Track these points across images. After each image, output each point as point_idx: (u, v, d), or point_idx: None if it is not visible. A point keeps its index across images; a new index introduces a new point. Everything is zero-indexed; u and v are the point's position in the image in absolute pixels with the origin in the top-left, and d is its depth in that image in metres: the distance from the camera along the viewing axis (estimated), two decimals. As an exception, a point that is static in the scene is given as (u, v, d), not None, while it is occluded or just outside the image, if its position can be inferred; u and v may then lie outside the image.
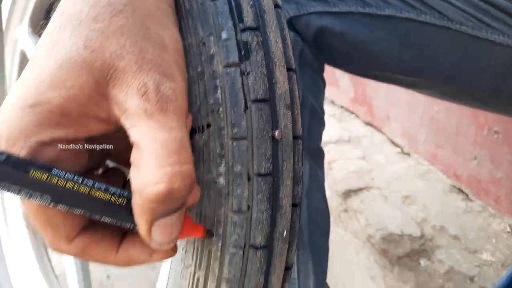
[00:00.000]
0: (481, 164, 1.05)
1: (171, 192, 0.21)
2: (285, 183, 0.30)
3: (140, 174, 0.22)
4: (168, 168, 0.21)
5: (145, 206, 0.22)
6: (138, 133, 0.22)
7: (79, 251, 0.25)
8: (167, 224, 0.23)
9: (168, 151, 0.22)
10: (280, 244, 0.31)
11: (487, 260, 0.89)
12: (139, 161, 0.22)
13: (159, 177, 0.21)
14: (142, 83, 0.22)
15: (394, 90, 1.47)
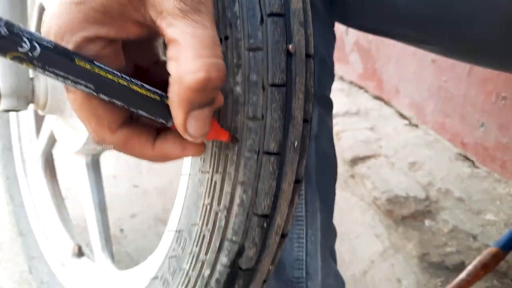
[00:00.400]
0: (488, 131, 1.06)
1: (209, 80, 0.24)
2: (298, 95, 0.33)
3: (179, 65, 0.24)
4: (206, 59, 0.24)
5: (183, 95, 0.25)
6: (176, 30, 0.24)
7: (120, 142, 0.28)
8: (201, 116, 0.26)
9: (204, 45, 0.24)
10: (292, 153, 0.33)
11: (491, 220, 0.91)
12: (178, 55, 0.24)
13: (198, 66, 0.24)
14: None
15: (403, 63, 1.47)
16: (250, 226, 0.33)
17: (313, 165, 0.56)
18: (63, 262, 0.67)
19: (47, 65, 0.23)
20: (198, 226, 0.35)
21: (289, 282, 0.53)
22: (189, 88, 0.24)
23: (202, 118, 0.26)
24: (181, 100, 0.25)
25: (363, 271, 0.83)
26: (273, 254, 0.36)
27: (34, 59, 0.23)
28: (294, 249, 0.54)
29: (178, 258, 0.38)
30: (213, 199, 0.34)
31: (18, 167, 0.78)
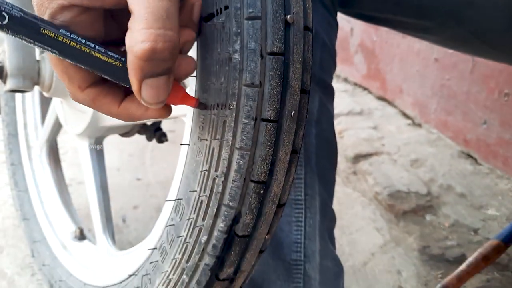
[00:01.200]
0: (490, 128, 1.06)
1: (155, 51, 0.26)
2: (295, 65, 0.33)
3: (132, 35, 0.26)
4: (154, 30, 0.26)
5: (134, 63, 0.27)
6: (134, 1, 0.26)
7: (89, 100, 0.31)
8: (154, 84, 0.28)
9: (155, 17, 0.26)
10: (289, 121, 0.34)
11: (492, 215, 0.91)
12: (132, 25, 0.27)
13: (145, 37, 0.26)
14: None
15: (407, 62, 1.48)
16: (247, 192, 0.34)
17: (313, 149, 0.56)
18: (65, 244, 0.67)
19: (16, 32, 0.26)
20: (196, 193, 0.36)
21: (287, 264, 0.53)
22: (137, 57, 0.26)
23: (156, 86, 0.28)
24: (133, 68, 0.27)
25: (363, 262, 0.83)
26: (270, 222, 0.37)
27: (4, 26, 0.26)
28: (293, 232, 0.54)
29: (176, 227, 0.39)
30: (210, 165, 0.34)
31: (23, 154, 0.79)
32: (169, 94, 0.30)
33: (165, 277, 0.40)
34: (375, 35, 1.72)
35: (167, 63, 0.28)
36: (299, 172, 0.55)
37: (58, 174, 0.77)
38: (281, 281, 0.53)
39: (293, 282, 0.53)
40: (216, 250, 0.36)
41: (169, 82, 0.29)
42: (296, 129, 0.35)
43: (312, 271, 0.53)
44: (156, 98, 0.29)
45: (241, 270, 0.38)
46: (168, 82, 0.29)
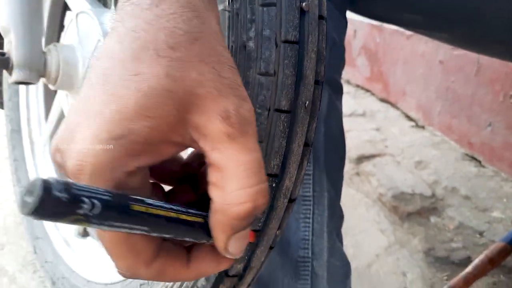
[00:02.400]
0: (496, 131, 1.05)
1: (255, 210, 0.23)
2: (310, 55, 0.33)
3: (224, 195, 0.23)
4: (252, 188, 0.23)
5: (227, 223, 0.23)
6: (221, 155, 0.23)
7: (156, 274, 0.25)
8: (242, 236, 0.25)
9: (250, 172, 0.23)
10: (303, 113, 0.33)
11: (497, 217, 0.90)
12: (222, 183, 0.23)
13: (245, 198, 0.22)
14: (223, 108, 0.22)
15: (411, 65, 1.47)
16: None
17: (322, 146, 0.55)
18: (68, 241, 0.67)
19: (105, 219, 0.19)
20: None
21: (295, 261, 0.52)
22: (235, 218, 0.23)
23: (243, 237, 0.25)
24: (224, 226, 0.24)
25: (367, 264, 0.82)
26: (281, 217, 0.36)
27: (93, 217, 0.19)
28: (300, 229, 0.53)
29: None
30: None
31: (26, 149, 0.79)
32: None
33: (173, 272, 0.39)
34: (379, 37, 1.72)
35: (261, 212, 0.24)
36: (308, 168, 0.54)
37: (61, 170, 0.77)
38: (288, 279, 0.52)
39: (300, 280, 0.52)
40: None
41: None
42: (310, 121, 0.34)
43: (320, 269, 0.52)
44: (242, 247, 0.25)
45: (251, 266, 0.37)
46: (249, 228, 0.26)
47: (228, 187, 0.23)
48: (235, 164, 0.22)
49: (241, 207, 0.22)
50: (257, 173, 0.23)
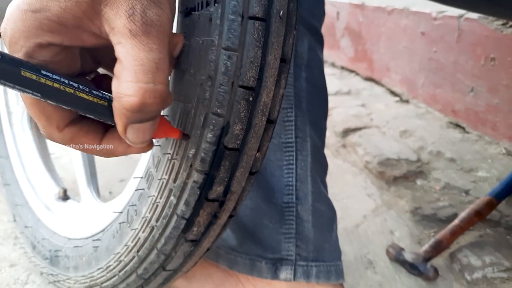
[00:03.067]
0: (478, 95, 1.06)
1: (143, 106, 0.25)
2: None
3: (119, 85, 0.25)
4: (143, 84, 0.25)
5: (121, 111, 0.26)
6: (122, 49, 0.25)
7: (67, 139, 0.30)
8: (140, 129, 0.28)
9: (145, 69, 0.25)
10: (277, 22, 0.32)
11: (482, 176, 0.91)
12: (120, 74, 0.25)
13: (134, 91, 0.25)
14: (130, 5, 0.25)
15: (394, 39, 1.48)
16: (235, 99, 0.32)
17: (304, 93, 0.55)
18: (48, 206, 0.65)
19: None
20: (181, 103, 0.34)
21: (279, 207, 0.52)
22: (125, 108, 0.26)
23: (142, 130, 0.28)
24: (119, 114, 0.26)
25: (355, 224, 0.82)
26: (260, 137, 0.35)
27: None
28: (284, 175, 0.53)
29: (162, 147, 0.37)
30: (196, 69, 0.33)
31: (3, 119, 0.76)
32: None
33: (152, 202, 0.38)
34: (361, 16, 1.72)
35: (154, 113, 0.27)
36: (290, 114, 0.53)
37: (40, 139, 0.75)
38: (273, 224, 0.51)
39: (285, 225, 0.51)
40: (205, 164, 0.34)
41: (154, 125, 0.28)
42: (286, 33, 0.33)
43: (305, 213, 0.51)
44: (141, 139, 0.28)
45: (231, 190, 0.37)
46: (154, 125, 0.28)
47: (122, 77, 0.25)
48: (132, 58, 0.25)
49: (130, 99, 0.25)
50: (151, 72, 0.25)
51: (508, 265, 0.68)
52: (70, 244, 0.55)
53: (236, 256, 0.52)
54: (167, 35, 0.27)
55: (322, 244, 0.52)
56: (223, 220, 0.39)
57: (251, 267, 0.51)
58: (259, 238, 0.51)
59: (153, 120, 0.28)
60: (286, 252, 0.51)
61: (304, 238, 0.51)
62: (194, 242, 0.39)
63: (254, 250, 0.51)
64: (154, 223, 0.38)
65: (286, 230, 0.51)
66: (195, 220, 0.37)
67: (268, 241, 0.51)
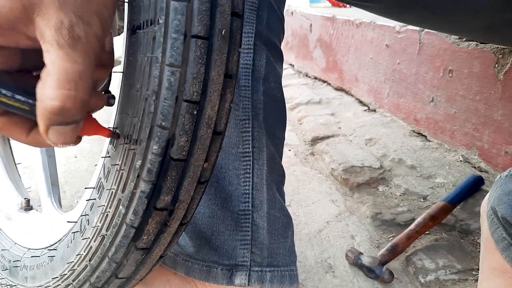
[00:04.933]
0: (438, 105, 1.11)
1: (63, 110, 0.28)
2: (223, -16, 0.34)
3: (43, 88, 0.28)
4: (65, 91, 0.28)
5: (43, 113, 0.28)
6: (49, 57, 0.27)
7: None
8: (61, 132, 0.30)
9: (68, 78, 0.28)
10: (220, 40, 0.34)
11: (440, 182, 0.95)
12: (45, 78, 0.28)
13: (55, 96, 0.27)
14: (59, 19, 0.27)
15: (361, 51, 1.53)
16: (180, 112, 0.34)
17: (261, 105, 0.57)
18: (10, 216, 0.65)
19: None
20: (128, 116, 0.36)
21: (235, 214, 0.53)
22: (46, 110, 0.28)
23: (63, 133, 0.30)
24: (41, 115, 0.28)
25: (318, 230, 0.84)
26: (206, 148, 0.37)
27: None
28: (241, 184, 0.55)
29: (111, 158, 0.38)
30: (142, 85, 0.34)
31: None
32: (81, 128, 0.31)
33: (102, 211, 0.39)
34: (332, 28, 1.77)
35: (74, 117, 0.29)
36: (247, 125, 0.55)
37: (4, 148, 0.74)
38: (230, 231, 0.53)
39: (241, 231, 0.53)
40: (151, 175, 0.36)
41: (76, 129, 0.30)
42: (229, 51, 0.36)
43: (260, 220, 0.53)
44: (62, 141, 0.30)
45: (180, 199, 0.38)
46: (76, 129, 0.30)
47: (47, 82, 0.27)
48: (57, 66, 0.27)
49: (51, 102, 0.27)
50: (73, 81, 0.28)
51: (460, 268, 0.72)
52: (29, 254, 0.55)
53: (193, 263, 0.53)
54: (94, 51, 0.29)
55: (277, 250, 0.54)
56: (174, 228, 0.40)
57: (207, 274, 0.52)
58: (216, 245, 0.53)
59: (74, 125, 0.30)
60: (241, 258, 0.52)
61: (259, 244, 0.53)
62: (145, 250, 0.40)
63: (211, 257, 0.53)
64: (104, 232, 0.39)
65: (242, 237, 0.53)
66: (144, 228, 0.38)
67: (224, 247, 0.53)
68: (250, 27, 0.56)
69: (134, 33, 0.35)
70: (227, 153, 0.54)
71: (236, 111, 0.55)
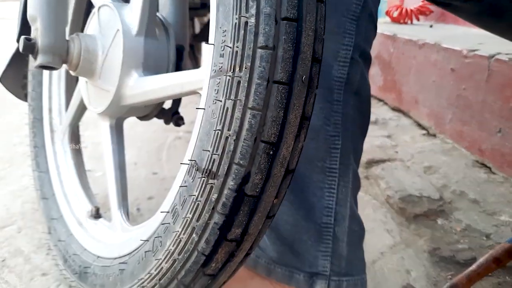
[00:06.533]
0: (506, 137, 1.05)
1: None
2: (307, 32, 0.35)
3: None
4: None
5: None
6: None
7: None
8: None
9: None
10: (300, 86, 0.36)
11: (505, 221, 0.90)
12: None
13: None
14: None
15: (423, 73, 1.48)
16: (257, 152, 0.36)
17: (351, 119, 0.57)
18: (81, 222, 0.70)
19: None
20: (208, 153, 0.38)
21: (318, 226, 0.55)
22: None
23: None
24: None
25: (372, 261, 0.82)
26: (278, 185, 0.38)
27: None
28: (325, 198, 0.56)
29: (188, 188, 0.40)
30: (224, 125, 0.36)
31: (46, 137, 0.83)
32: None
33: (176, 237, 0.41)
34: (392, 47, 1.74)
35: None
36: (337, 142, 0.56)
37: (78, 157, 0.81)
38: (312, 241, 0.55)
39: (323, 243, 0.55)
40: (226, 208, 0.37)
41: None
42: (307, 95, 0.37)
43: (341, 234, 0.55)
44: None
45: (249, 232, 0.40)
46: None
47: None
48: None
49: None
50: None
51: (525, 317, 0.67)
52: (99, 263, 0.59)
53: (276, 267, 0.56)
54: None
55: (352, 260, 0.56)
56: (240, 258, 0.42)
57: (290, 278, 0.55)
58: (298, 252, 0.55)
59: None
60: (322, 268, 0.55)
61: (338, 256, 0.55)
62: (212, 276, 0.42)
63: (293, 263, 0.55)
64: (176, 256, 0.41)
65: (324, 248, 0.55)
66: (213, 257, 0.40)
67: (306, 256, 0.55)
68: (349, 39, 0.55)
69: (219, 75, 0.37)
70: (313, 165, 0.55)
71: (327, 126, 0.55)
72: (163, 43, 0.62)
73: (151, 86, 0.54)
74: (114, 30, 0.58)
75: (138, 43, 0.57)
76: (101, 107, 0.62)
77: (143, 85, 0.55)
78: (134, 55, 0.57)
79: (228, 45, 0.36)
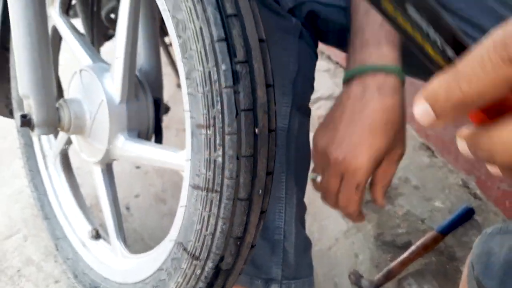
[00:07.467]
0: (446, 126, 1.21)
1: None
2: (261, 161, 0.47)
3: None
4: None
5: None
6: None
7: None
8: None
9: None
10: (257, 198, 0.48)
11: (438, 207, 1.08)
12: None
13: None
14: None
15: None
16: (228, 244, 0.49)
17: (293, 159, 0.71)
18: (84, 242, 0.83)
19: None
20: (192, 242, 0.51)
21: (271, 242, 0.71)
22: None
23: None
24: None
25: (328, 247, 1.01)
26: (245, 258, 0.53)
27: None
28: (276, 220, 0.72)
29: (178, 260, 0.54)
30: (202, 226, 0.49)
31: (39, 161, 0.92)
32: None
33: (171, 292, 0.56)
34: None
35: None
36: (282, 177, 0.71)
37: (71, 179, 0.91)
38: (267, 255, 0.72)
39: (275, 256, 0.72)
40: (207, 279, 0.52)
41: None
42: (263, 201, 0.50)
43: (289, 248, 0.72)
44: None
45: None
46: None
47: None
48: None
49: None
50: None
51: (441, 292, 0.88)
52: (107, 284, 0.74)
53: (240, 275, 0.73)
54: None
55: (299, 267, 0.73)
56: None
57: (251, 284, 0.71)
58: (257, 263, 0.71)
59: None
60: (275, 274, 0.72)
61: (288, 264, 0.72)
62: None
63: (253, 272, 0.71)
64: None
65: (276, 259, 0.72)
66: (200, 306, 0.55)
67: (263, 266, 0.71)
68: (288, 98, 0.69)
69: (196, 189, 0.49)
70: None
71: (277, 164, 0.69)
72: (142, 101, 0.71)
73: (137, 152, 0.64)
74: (98, 99, 0.66)
75: (122, 110, 0.66)
76: (93, 159, 0.72)
77: (130, 149, 0.66)
78: (119, 121, 0.66)
79: (202, 173, 0.47)
